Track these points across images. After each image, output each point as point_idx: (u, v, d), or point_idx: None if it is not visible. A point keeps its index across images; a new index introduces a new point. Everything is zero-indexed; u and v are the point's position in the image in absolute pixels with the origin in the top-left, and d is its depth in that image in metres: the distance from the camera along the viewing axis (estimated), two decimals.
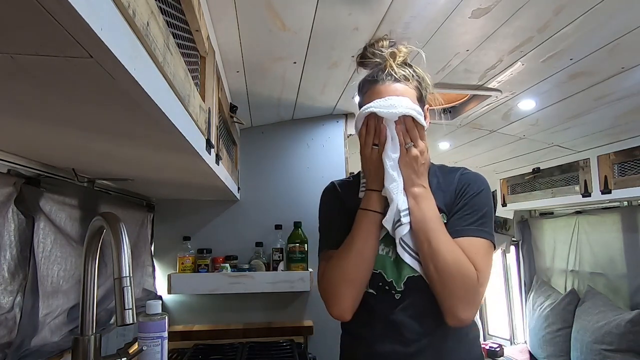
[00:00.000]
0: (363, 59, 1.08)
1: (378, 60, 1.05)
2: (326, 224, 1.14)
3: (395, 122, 0.98)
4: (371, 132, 0.99)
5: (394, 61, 1.03)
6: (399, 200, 0.98)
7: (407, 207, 0.99)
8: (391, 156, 0.98)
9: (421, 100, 1.05)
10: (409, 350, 0.99)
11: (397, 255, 1.00)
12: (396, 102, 0.97)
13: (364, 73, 1.10)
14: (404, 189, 1.00)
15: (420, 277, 0.98)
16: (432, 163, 1.10)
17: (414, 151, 0.98)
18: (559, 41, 1.25)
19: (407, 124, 0.98)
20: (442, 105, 1.15)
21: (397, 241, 0.99)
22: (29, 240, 0.99)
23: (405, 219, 0.98)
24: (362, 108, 1.01)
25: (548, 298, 3.02)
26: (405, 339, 0.99)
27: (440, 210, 1.01)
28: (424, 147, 1.00)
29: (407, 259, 0.99)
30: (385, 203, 1.01)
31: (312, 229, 1.99)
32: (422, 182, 1.00)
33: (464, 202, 1.02)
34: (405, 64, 1.05)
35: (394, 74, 1.02)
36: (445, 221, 1.01)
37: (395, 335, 1.00)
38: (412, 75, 1.04)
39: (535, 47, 1.30)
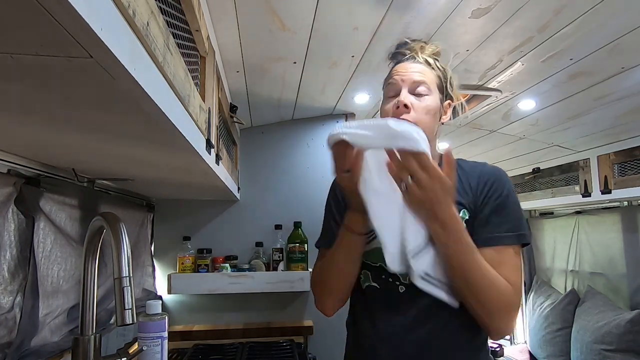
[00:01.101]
0: (394, 52, 1.06)
1: (407, 51, 1.03)
2: (325, 220, 1.12)
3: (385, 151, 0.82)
4: (338, 159, 0.85)
5: (420, 52, 1.01)
6: (407, 239, 0.83)
7: (420, 244, 0.85)
8: (378, 190, 0.82)
9: (441, 90, 1.00)
10: (412, 351, 0.93)
11: None
12: (374, 130, 0.80)
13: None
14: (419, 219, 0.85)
15: None
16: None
17: (416, 191, 0.81)
18: (559, 41, 1.25)
19: (399, 154, 0.80)
20: (461, 100, 1.09)
21: (414, 280, 0.86)
22: (29, 240, 0.99)
23: (419, 262, 0.84)
24: (330, 132, 0.83)
25: (548, 298, 3.02)
26: (409, 338, 0.94)
27: (461, 205, 0.94)
28: (435, 172, 0.80)
29: (433, 289, 0.87)
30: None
31: (312, 229, 2.00)
32: (446, 209, 0.83)
33: (490, 206, 0.93)
34: (432, 57, 1.02)
35: (417, 57, 1.00)
36: (467, 217, 0.94)
37: (399, 333, 0.94)
38: (436, 66, 1.01)
39: (535, 47, 1.30)
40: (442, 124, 1.02)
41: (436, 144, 1.05)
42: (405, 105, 0.93)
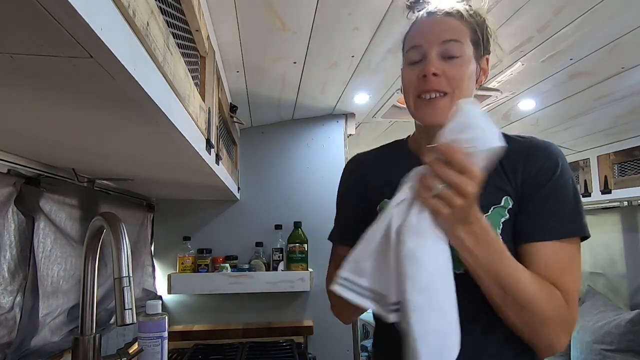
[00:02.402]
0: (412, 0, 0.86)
1: None
2: (337, 210, 0.97)
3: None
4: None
5: None
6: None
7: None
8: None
9: (477, 45, 0.80)
10: None
11: None
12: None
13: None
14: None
15: (466, 275, 0.72)
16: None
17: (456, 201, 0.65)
18: (559, 41, 1.25)
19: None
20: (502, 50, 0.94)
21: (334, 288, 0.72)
22: (29, 240, 0.99)
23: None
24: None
25: None
26: None
27: (503, 190, 0.77)
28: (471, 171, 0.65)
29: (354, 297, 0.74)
30: None
31: (312, 229, 2.00)
32: (475, 210, 0.68)
33: (540, 190, 0.76)
34: (463, 1, 0.82)
35: (442, 6, 0.79)
36: (510, 206, 0.77)
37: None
38: (468, 13, 0.80)
39: (535, 47, 1.30)
40: (480, 86, 0.84)
41: None
42: (435, 74, 0.76)
